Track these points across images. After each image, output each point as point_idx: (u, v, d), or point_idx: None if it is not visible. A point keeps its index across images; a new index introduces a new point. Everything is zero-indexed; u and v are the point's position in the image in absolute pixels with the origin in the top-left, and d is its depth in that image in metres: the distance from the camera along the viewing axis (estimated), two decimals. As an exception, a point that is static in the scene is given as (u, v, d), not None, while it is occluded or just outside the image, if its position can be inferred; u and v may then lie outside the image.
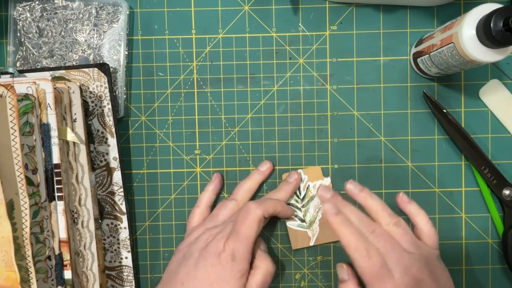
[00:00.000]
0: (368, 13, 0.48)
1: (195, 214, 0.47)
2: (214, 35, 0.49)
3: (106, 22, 0.48)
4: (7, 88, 0.39)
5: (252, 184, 0.47)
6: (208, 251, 0.41)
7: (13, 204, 0.39)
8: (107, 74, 0.45)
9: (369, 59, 0.48)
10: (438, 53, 0.41)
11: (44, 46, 0.48)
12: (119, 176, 0.47)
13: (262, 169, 0.48)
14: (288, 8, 0.48)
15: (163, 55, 0.49)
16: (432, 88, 0.48)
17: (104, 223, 0.48)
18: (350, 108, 0.48)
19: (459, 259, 0.48)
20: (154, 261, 0.50)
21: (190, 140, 0.49)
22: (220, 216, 0.45)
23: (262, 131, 0.49)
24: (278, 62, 0.49)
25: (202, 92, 0.49)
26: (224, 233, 0.42)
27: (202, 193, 0.48)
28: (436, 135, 0.48)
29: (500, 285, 0.48)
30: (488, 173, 0.47)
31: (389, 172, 0.49)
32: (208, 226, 0.44)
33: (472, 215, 0.48)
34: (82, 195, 0.44)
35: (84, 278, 0.44)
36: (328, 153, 0.49)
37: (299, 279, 0.49)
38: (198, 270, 0.40)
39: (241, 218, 0.41)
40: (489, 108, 0.48)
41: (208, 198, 0.48)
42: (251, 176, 0.48)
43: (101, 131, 0.46)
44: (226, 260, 0.40)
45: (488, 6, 0.37)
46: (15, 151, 0.39)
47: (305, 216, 0.48)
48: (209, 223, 0.45)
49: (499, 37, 0.35)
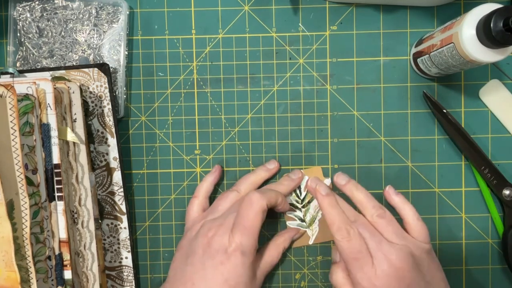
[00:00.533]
0: (368, 13, 0.48)
1: (194, 205, 0.46)
2: (214, 35, 0.49)
3: (106, 22, 0.48)
4: (7, 88, 0.39)
5: (257, 179, 0.47)
6: (213, 248, 0.40)
7: (13, 204, 0.39)
8: (107, 74, 0.45)
9: (369, 59, 0.48)
10: (438, 53, 0.41)
11: (44, 46, 0.48)
12: (119, 176, 0.47)
13: (269, 166, 0.48)
14: (288, 8, 0.48)
15: (163, 55, 0.49)
16: (432, 88, 0.48)
17: (104, 223, 0.48)
18: (350, 108, 0.49)
19: (459, 259, 0.48)
20: (154, 261, 0.50)
21: (190, 140, 0.49)
22: (220, 207, 0.45)
23: (262, 131, 0.49)
24: (278, 62, 0.49)
25: (202, 92, 0.49)
26: (226, 227, 0.41)
27: (200, 183, 0.47)
28: (436, 135, 0.48)
29: (500, 285, 0.48)
30: (488, 173, 0.47)
31: (389, 172, 0.49)
32: (207, 218, 0.44)
33: (472, 215, 0.48)
34: (82, 195, 0.44)
35: (84, 278, 0.44)
36: (328, 153, 0.49)
37: (299, 279, 0.49)
38: (207, 269, 0.40)
39: (245, 209, 0.41)
40: (489, 108, 0.48)
41: (207, 188, 0.47)
42: (257, 171, 0.47)
43: (101, 131, 0.46)
44: (236, 256, 0.40)
45: (488, 6, 0.37)
46: (15, 151, 0.39)
47: (305, 216, 0.48)
48: (209, 215, 0.44)
49: (499, 37, 0.35)
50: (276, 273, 0.49)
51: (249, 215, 0.41)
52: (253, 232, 0.41)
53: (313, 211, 0.48)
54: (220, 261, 0.40)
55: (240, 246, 0.40)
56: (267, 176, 0.47)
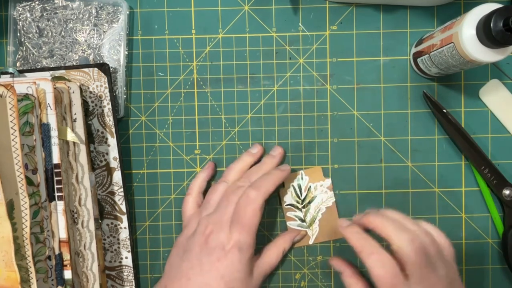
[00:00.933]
0: (368, 13, 0.48)
1: (188, 202, 0.47)
2: (214, 35, 0.49)
3: (106, 22, 0.48)
4: (7, 88, 0.39)
5: (243, 166, 0.47)
6: (211, 246, 0.41)
7: (13, 204, 0.39)
8: (107, 74, 0.45)
9: (369, 59, 0.48)
10: (438, 53, 0.41)
11: (44, 46, 0.48)
12: (119, 176, 0.47)
13: (253, 151, 0.47)
14: (288, 8, 0.48)
15: (163, 55, 0.49)
16: (432, 88, 0.48)
17: (104, 223, 0.48)
18: (350, 108, 0.48)
19: (459, 259, 0.48)
20: (154, 261, 0.50)
21: (190, 140, 0.49)
22: (212, 201, 0.45)
23: (262, 131, 0.49)
24: (278, 62, 0.49)
25: (202, 92, 0.49)
26: (223, 224, 0.42)
27: (193, 180, 0.48)
28: (436, 135, 0.48)
29: (500, 285, 0.48)
30: (488, 173, 0.47)
31: (389, 172, 0.49)
32: (202, 214, 0.44)
33: (472, 215, 0.48)
34: (82, 195, 0.44)
35: (84, 278, 0.44)
36: (328, 153, 0.49)
37: (299, 279, 0.49)
38: (203, 265, 0.40)
39: (243, 207, 0.41)
40: (489, 108, 0.48)
41: (199, 185, 0.47)
42: (242, 157, 0.47)
43: (101, 131, 0.46)
44: (233, 253, 0.40)
45: (488, 6, 0.37)
46: (15, 151, 0.39)
47: (305, 217, 0.48)
48: (203, 211, 0.45)
49: (499, 37, 0.35)
50: (276, 273, 0.49)
51: (246, 213, 0.41)
52: (251, 230, 0.41)
53: (313, 211, 0.48)
54: (217, 257, 0.40)
55: (238, 243, 0.40)
56: (252, 161, 0.47)
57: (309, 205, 0.48)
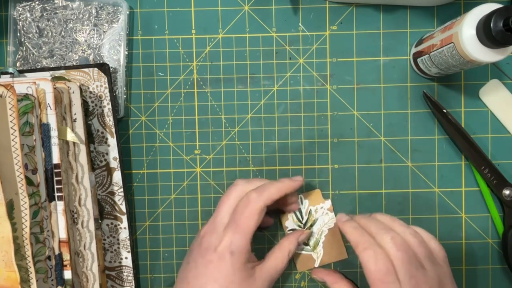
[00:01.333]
0: (368, 13, 0.48)
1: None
2: (214, 35, 0.49)
3: (106, 22, 0.48)
4: (7, 88, 0.39)
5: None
6: (203, 247, 0.40)
7: (13, 204, 0.39)
8: (107, 74, 0.45)
9: (369, 59, 0.48)
10: (438, 53, 0.41)
11: (44, 46, 0.48)
12: (119, 176, 0.47)
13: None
14: (288, 8, 0.48)
15: (163, 55, 0.49)
16: (432, 88, 0.48)
17: (104, 223, 0.48)
18: (350, 108, 0.48)
19: (459, 259, 0.48)
20: (154, 261, 0.50)
21: (190, 140, 0.49)
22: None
23: (262, 131, 0.49)
24: (278, 62, 0.49)
25: (202, 92, 0.49)
26: (216, 225, 0.41)
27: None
28: (436, 135, 0.48)
29: (500, 285, 0.48)
30: (488, 173, 0.47)
31: (389, 172, 0.48)
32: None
33: (472, 215, 0.48)
34: (82, 195, 0.44)
35: (84, 278, 0.44)
36: (328, 153, 0.49)
37: (299, 279, 0.49)
38: (198, 268, 0.40)
39: (241, 208, 0.40)
40: (489, 108, 0.48)
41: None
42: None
43: (101, 131, 0.46)
44: (224, 255, 0.39)
45: (488, 6, 0.37)
46: (15, 151, 0.39)
47: (308, 240, 0.48)
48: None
49: (499, 37, 0.35)
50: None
51: (244, 214, 0.40)
52: (246, 232, 0.39)
53: (316, 234, 0.48)
54: (209, 260, 0.39)
55: (230, 246, 0.39)
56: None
57: (311, 229, 0.48)
